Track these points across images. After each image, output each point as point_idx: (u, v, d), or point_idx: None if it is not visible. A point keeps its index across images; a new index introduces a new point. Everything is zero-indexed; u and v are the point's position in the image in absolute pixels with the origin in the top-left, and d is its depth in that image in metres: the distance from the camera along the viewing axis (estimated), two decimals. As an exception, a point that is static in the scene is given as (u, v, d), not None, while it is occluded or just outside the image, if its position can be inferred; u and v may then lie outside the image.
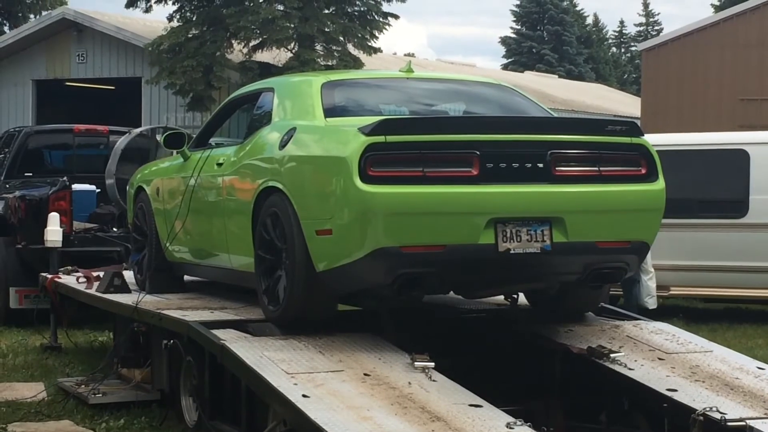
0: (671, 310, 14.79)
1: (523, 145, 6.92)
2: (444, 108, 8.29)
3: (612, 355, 7.29)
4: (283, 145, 7.47)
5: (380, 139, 6.65)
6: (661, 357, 7.47)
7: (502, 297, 8.45)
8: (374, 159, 6.63)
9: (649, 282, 13.83)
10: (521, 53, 71.49)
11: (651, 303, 13.79)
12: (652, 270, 13.84)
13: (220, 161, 8.46)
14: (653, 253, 11.36)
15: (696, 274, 14.48)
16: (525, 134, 6.96)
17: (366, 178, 6.60)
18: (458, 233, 6.73)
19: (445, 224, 6.69)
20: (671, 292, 14.67)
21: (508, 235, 6.83)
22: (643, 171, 7.20)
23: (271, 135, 7.81)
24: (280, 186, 7.36)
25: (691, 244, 14.34)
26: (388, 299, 7.38)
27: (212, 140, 9.19)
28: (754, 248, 14.12)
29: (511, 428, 5.89)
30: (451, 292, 7.75)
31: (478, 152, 6.76)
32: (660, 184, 7.23)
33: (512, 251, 6.83)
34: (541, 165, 6.89)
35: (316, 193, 7.04)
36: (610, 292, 12.78)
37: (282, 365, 6.59)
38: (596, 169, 7.06)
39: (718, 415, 6.36)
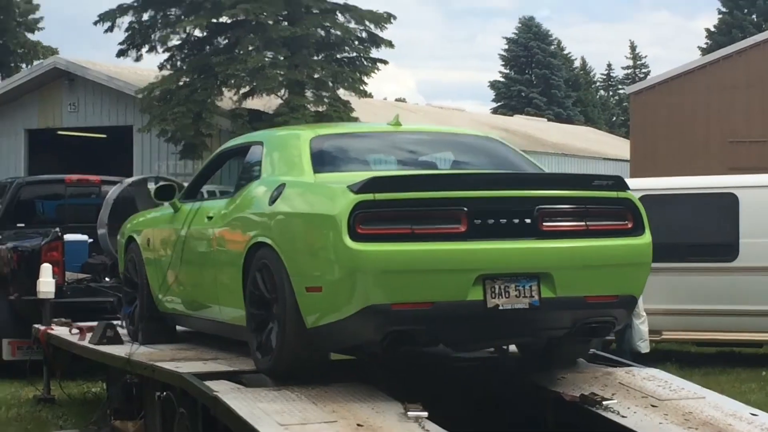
0: (664, 355, 14.79)
1: (511, 201, 6.98)
2: (432, 161, 8.34)
3: (605, 403, 7.29)
4: (272, 200, 7.51)
5: (369, 196, 6.70)
6: (654, 404, 7.47)
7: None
8: (363, 217, 6.68)
9: (642, 326, 13.82)
10: (510, 97, 71.85)
11: (644, 347, 13.78)
12: (644, 314, 13.85)
13: (211, 214, 8.50)
14: (645, 297, 11.38)
15: (688, 318, 14.48)
16: (512, 190, 7.04)
17: (355, 236, 6.65)
18: (447, 290, 6.77)
19: (434, 281, 6.73)
20: (663, 337, 14.67)
21: (497, 291, 6.87)
22: (630, 225, 7.26)
23: (260, 190, 7.85)
24: (269, 242, 7.40)
25: (682, 288, 14.36)
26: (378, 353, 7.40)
27: (205, 188, 9.22)
28: (745, 292, 14.14)
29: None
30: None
31: (465, 209, 6.81)
32: (646, 237, 7.29)
33: (501, 307, 6.87)
34: (528, 220, 6.95)
35: (305, 250, 7.09)
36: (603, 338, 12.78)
37: (275, 416, 6.58)
38: (583, 223, 7.12)
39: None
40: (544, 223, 6.99)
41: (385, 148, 8.31)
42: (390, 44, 32.20)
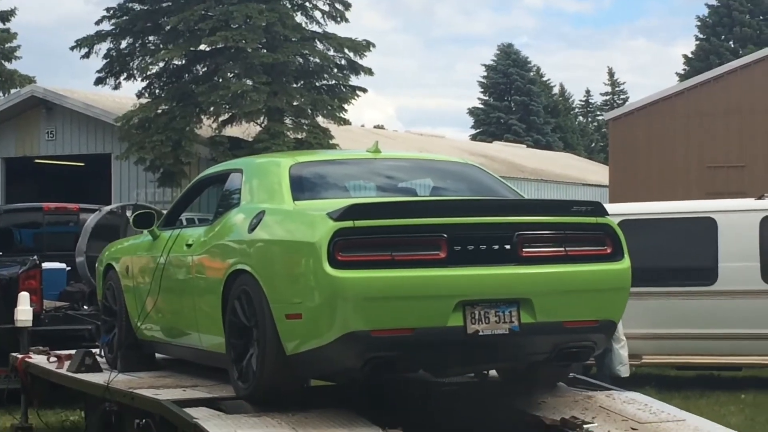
0: (643, 379, 14.80)
1: (490, 227, 6.99)
2: (411, 188, 8.36)
3: (585, 426, 7.28)
4: (252, 228, 7.51)
5: (348, 224, 6.70)
6: (635, 427, 7.47)
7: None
8: (343, 244, 6.68)
9: (621, 350, 13.81)
10: (489, 123, 72.08)
11: (623, 371, 13.77)
12: (624, 338, 13.86)
13: (190, 242, 8.48)
14: (625, 321, 11.40)
15: (667, 342, 14.51)
16: (491, 216, 7.05)
17: (335, 263, 6.65)
18: (427, 316, 6.77)
19: (414, 308, 6.73)
20: (643, 361, 14.69)
21: (477, 317, 6.87)
22: (609, 250, 7.28)
23: (239, 217, 7.85)
24: (249, 269, 7.39)
25: (662, 312, 14.39)
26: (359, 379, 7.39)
27: (183, 216, 9.20)
28: (724, 315, 14.19)
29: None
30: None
31: (445, 235, 6.82)
32: (625, 263, 7.31)
33: (480, 333, 6.87)
34: (508, 246, 6.96)
35: (285, 277, 7.08)
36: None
37: (255, 443, 6.56)
38: (562, 249, 7.14)
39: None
40: (524, 249, 7.00)
41: (364, 175, 8.32)
42: (369, 71, 32.33)
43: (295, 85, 31.64)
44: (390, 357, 6.83)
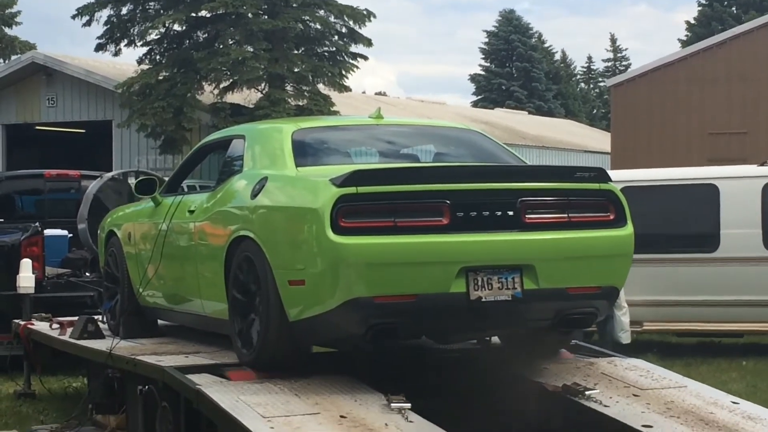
0: (645, 345, 14.83)
1: (493, 193, 6.97)
2: (414, 153, 8.34)
3: (587, 393, 7.31)
4: (254, 194, 7.49)
5: (351, 190, 6.69)
6: (636, 393, 7.49)
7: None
8: (346, 210, 6.66)
9: (623, 317, 13.82)
10: (491, 90, 71.91)
11: (625, 338, 13.79)
12: (626, 305, 13.86)
13: (192, 208, 8.47)
14: (626, 288, 11.40)
15: (669, 309, 14.53)
16: (494, 183, 7.03)
17: (338, 229, 6.64)
18: (429, 283, 6.76)
19: (417, 274, 6.72)
20: (645, 327, 14.71)
21: (480, 283, 6.86)
22: (612, 216, 7.27)
23: (242, 183, 7.83)
24: (252, 236, 7.38)
25: (663, 279, 14.40)
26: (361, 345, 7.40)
27: (185, 183, 9.20)
28: (726, 282, 14.20)
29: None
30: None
31: (448, 201, 6.80)
32: (628, 229, 7.30)
33: (483, 299, 6.86)
34: (511, 213, 6.94)
35: (288, 244, 7.07)
36: (585, 329, 12.82)
37: (258, 409, 6.57)
38: (565, 215, 7.12)
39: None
40: (527, 215, 6.99)
41: (367, 140, 8.29)
42: (369, 42, 32.17)
43: (296, 52, 31.53)
44: (392, 323, 6.84)
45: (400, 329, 6.93)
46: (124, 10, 31.93)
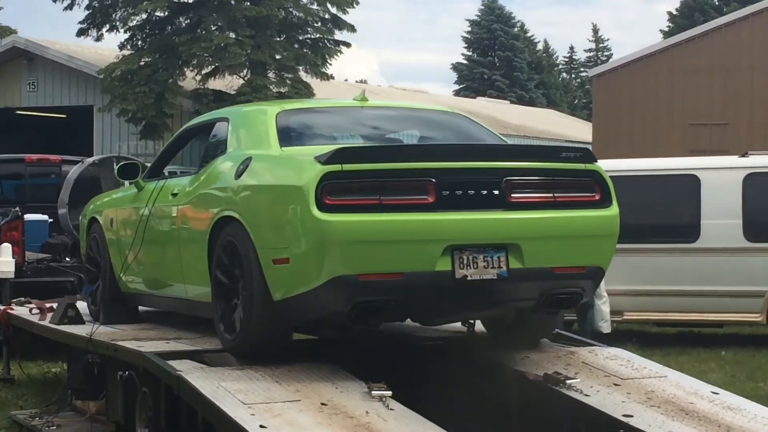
0: (625, 335, 14.88)
1: (479, 172, 6.96)
2: (399, 136, 8.33)
3: (568, 382, 7.32)
4: (238, 174, 7.47)
5: (336, 167, 6.67)
6: (617, 383, 7.51)
7: (459, 324, 8.48)
8: (330, 188, 6.64)
9: (603, 306, 13.87)
10: (473, 79, 71.92)
11: (605, 327, 13.83)
12: (606, 294, 13.90)
13: (175, 191, 8.44)
14: (607, 278, 11.43)
15: (649, 298, 14.59)
16: (480, 161, 7.01)
17: (323, 207, 6.61)
18: (415, 261, 6.75)
19: (402, 252, 6.71)
20: (625, 317, 14.76)
21: (465, 261, 6.86)
22: (597, 197, 7.28)
23: (226, 164, 7.81)
24: (236, 216, 7.35)
25: (644, 269, 14.45)
26: (345, 328, 7.39)
27: (166, 169, 9.17)
28: (706, 272, 14.26)
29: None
30: (408, 320, 7.75)
31: (433, 180, 6.79)
32: (614, 209, 7.31)
33: (469, 278, 6.86)
34: (496, 192, 6.93)
35: (272, 223, 7.04)
36: (565, 318, 12.86)
37: (239, 395, 6.56)
38: (551, 195, 7.13)
39: (673, 440, 6.41)
40: (512, 195, 6.98)
41: (351, 123, 8.28)
42: (352, 28, 32.11)
43: (278, 39, 31.45)
44: (377, 302, 6.82)
45: (384, 308, 6.90)
46: (106, -6, 31.76)
